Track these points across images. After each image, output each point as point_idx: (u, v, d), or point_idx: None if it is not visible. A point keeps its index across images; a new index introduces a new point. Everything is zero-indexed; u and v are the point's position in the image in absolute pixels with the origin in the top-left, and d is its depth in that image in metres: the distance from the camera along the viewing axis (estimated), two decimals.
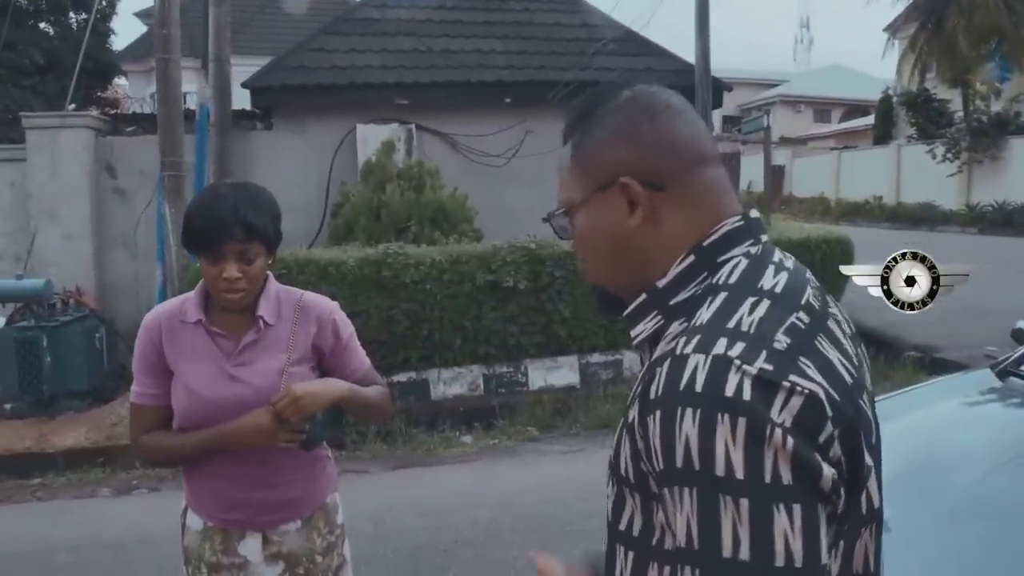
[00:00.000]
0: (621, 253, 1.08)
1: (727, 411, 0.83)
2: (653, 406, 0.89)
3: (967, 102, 25.04)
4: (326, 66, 8.57)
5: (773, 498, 0.81)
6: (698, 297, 0.99)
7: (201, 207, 1.86)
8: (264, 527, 1.97)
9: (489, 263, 6.75)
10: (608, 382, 7.13)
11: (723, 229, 1.04)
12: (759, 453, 0.82)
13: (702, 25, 9.21)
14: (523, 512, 4.44)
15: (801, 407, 0.84)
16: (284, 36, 16.26)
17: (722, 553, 0.82)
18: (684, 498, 0.85)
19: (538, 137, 8.85)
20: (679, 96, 1.11)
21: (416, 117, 8.64)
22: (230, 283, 1.84)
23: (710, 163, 1.07)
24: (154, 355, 1.93)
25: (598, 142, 1.08)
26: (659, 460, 0.88)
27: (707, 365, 0.86)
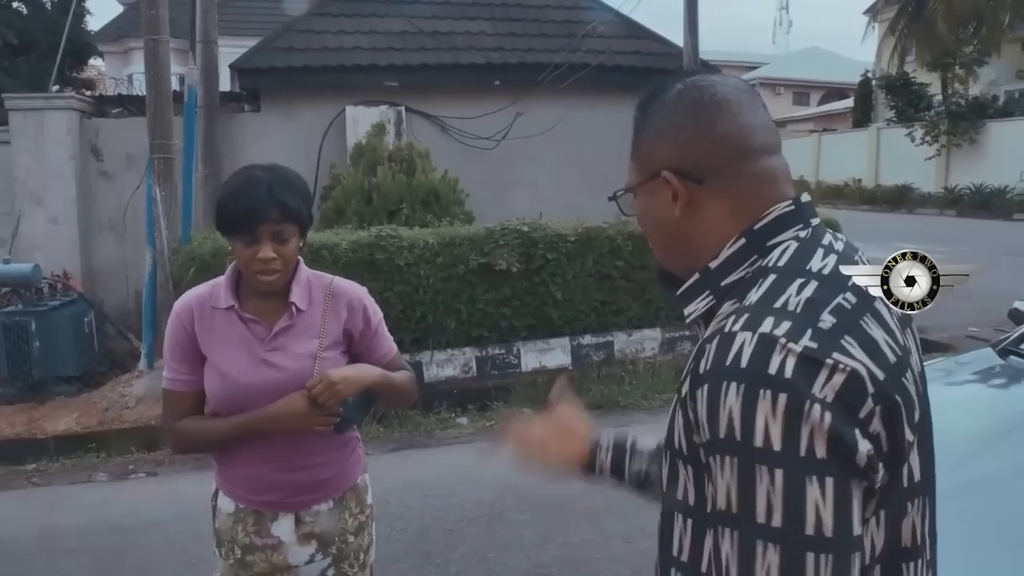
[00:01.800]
0: (669, 238, 1.15)
1: (769, 387, 0.88)
2: (702, 380, 0.94)
3: (946, 86, 25.27)
4: (315, 47, 8.50)
5: (807, 470, 0.86)
6: (749, 279, 1.04)
7: (236, 189, 1.85)
8: (297, 508, 1.98)
9: (482, 246, 6.75)
10: (600, 363, 7.18)
11: (774, 213, 1.08)
12: (796, 428, 0.86)
13: (691, 8, 9.21)
14: (525, 492, 4.46)
15: (843, 384, 0.89)
16: (270, 17, 16.11)
17: (756, 518, 0.87)
18: (725, 466, 0.90)
19: (528, 119, 8.86)
20: (733, 87, 1.13)
21: (405, 99, 8.61)
22: (265, 264, 1.83)
23: (759, 154, 1.10)
24: (186, 341, 1.93)
25: (648, 135, 1.15)
26: (705, 430, 0.93)
27: (753, 342, 0.91)
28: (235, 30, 15.47)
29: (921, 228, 16.94)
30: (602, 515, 4.19)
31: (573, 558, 3.76)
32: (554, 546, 3.88)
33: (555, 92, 8.79)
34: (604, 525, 4.08)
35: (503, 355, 6.96)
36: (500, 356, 6.94)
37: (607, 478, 1.51)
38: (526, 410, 5.75)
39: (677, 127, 1.11)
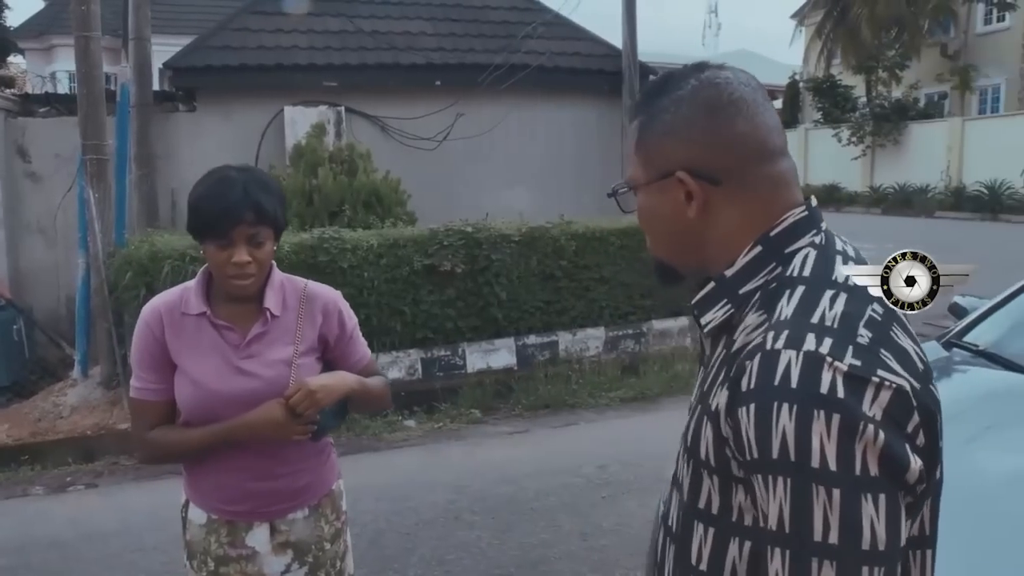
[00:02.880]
0: (678, 237, 1.13)
1: (823, 407, 0.88)
2: (746, 399, 0.93)
3: (870, 88, 26.05)
4: (251, 46, 8.34)
5: (862, 488, 0.87)
6: (773, 289, 1.02)
7: (210, 190, 1.79)
8: (272, 516, 1.93)
9: (426, 247, 6.71)
10: (545, 363, 7.20)
11: (789, 220, 1.07)
12: (851, 447, 0.87)
13: (629, 10, 9.30)
14: (479, 493, 4.47)
15: (890, 401, 0.90)
16: (204, 15, 15.75)
17: (813, 537, 0.87)
18: (778, 486, 0.90)
19: (469, 120, 8.84)
20: (747, 85, 1.10)
21: (345, 99, 8.51)
22: (240, 268, 1.78)
23: (773, 157, 1.09)
24: (156, 348, 1.86)
25: (660, 132, 1.11)
26: (752, 450, 0.92)
27: (800, 362, 0.90)
28: (167, 28, 15.10)
29: (849, 226, 17.37)
30: (557, 514, 4.21)
31: (531, 557, 3.77)
32: (512, 546, 3.88)
33: (496, 93, 8.79)
34: (560, 524, 4.10)
35: (448, 356, 6.93)
36: (446, 357, 6.90)
37: None
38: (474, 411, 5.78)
39: (693, 126, 1.08)
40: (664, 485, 2.27)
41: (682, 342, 7.82)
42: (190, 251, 5.93)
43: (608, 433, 5.61)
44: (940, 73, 26.06)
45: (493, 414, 6.18)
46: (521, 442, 5.50)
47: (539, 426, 5.85)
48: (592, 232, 7.34)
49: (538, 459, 5.03)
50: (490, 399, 6.42)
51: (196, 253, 5.93)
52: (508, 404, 6.36)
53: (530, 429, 5.79)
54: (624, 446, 5.21)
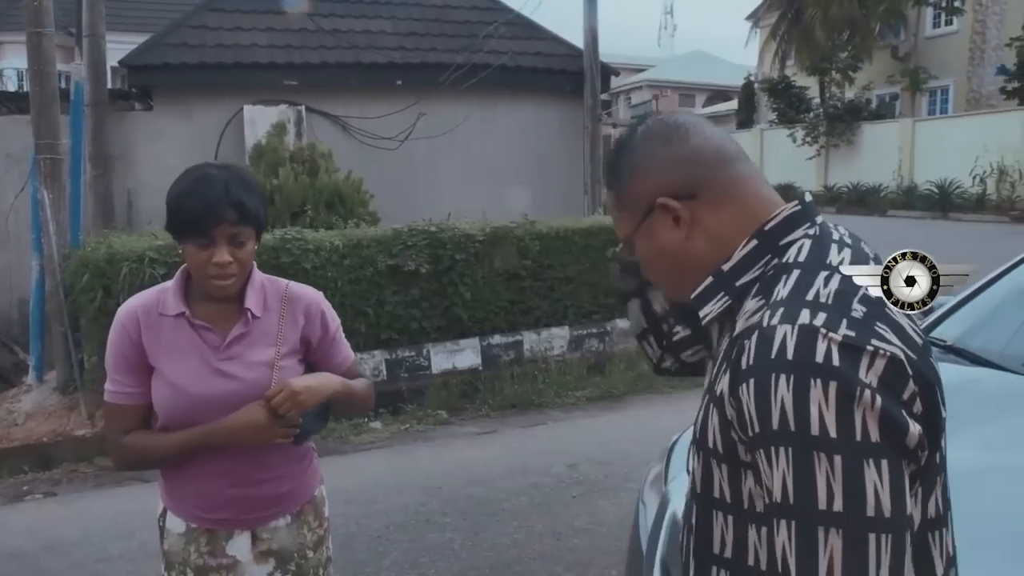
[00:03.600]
0: (682, 263, 1.17)
1: (819, 375, 0.89)
2: (746, 375, 0.95)
3: (823, 89, 26.46)
4: (210, 44, 8.22)
5: (864, 454, 0.88)
6: (771, 277, 1.06)
7: (190, 188, 1.74)
8: (253, 524, 1.88)
9: (390, 247, 6.66)
10: (510, 363, 7.19)
11: (783, 214, 1.12)
12: (850, 413, 0.89)
13: (590, 11, 9.33)
14: (450, 495, 4.43)
15: (884, 368, 0.91)
16: (160, 12, 15.46)
17: (818, 505, 0.88)
18: (780, 457, 0.91)
19: (431, 119, 8.81)
20: (686, 114, 1.23)
21: (305, 98, 8.43)
22: (221, 268, 1.73)
23: (733, 160, 1.15)
24: (132, 350, 1.80)
25: (630, 179, 1.18)
26: (754, 424, 0.94)
27: (795, 334, 0.93)
28: (122, 25, 14.79)
29: None
30: (529, 513, 4.19)
31: (505, 558, 3.74)
32: (485, 547, 3.85)
33: (457, 92, 8.77)
34: (532, 524, 4.08)
35: (413, 357, 6.88)
36: (410, 358, 6.86)
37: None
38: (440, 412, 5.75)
39: (654, 157, 1.15)
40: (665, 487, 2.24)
41: None
42: (149, 253, 5.82)
43: (576, 432, 5.61)
44: (891, 75, 26.57)
45: (460, 415, 6.15)
46: (489, 442, 5.48)
47: (507, 426, 5.83)
48: (556, 232, 7.35)
49: (507, 459, 5.02)
50: (456, 400, 6.39)
51: (156, 255, 5.82)
52: (475, 404, 6.34)
53: (498, 429, 5.77)
54: (593, 445, 5.22)
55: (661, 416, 5.81)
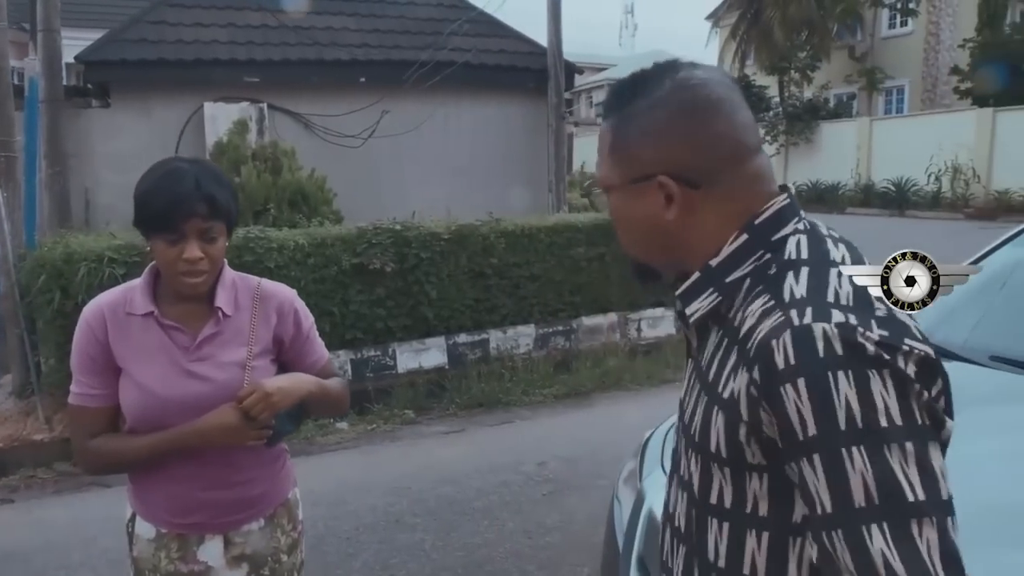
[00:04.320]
0: (655, 238, 1.12)
1: (875, 367, 0.88)
2: (789, 375, 0.90)
3: (783, 88, 26.79)
4: (169, 40, 8.08)
5: (927, 437, 0.88)
6: (774, 274, 1.01)
7: (159, 183, 1.68)
8: (225, 528, 1.83)
9: (355, 246, 6.60)
10: (477, 362, 7.17)
11: (773, 207, 1.07)
12: (908, 399, 0.88)
13: (555, 9, 9.34)
14: (419, 495, 4.40)
15: (918, 366, 0.90)
16: (117, 7, 15.15)
17: (907, 499, 0.85)
18: (854, 458, 0.86)
19: (395, 117, 8.75)
20: (722, 85, 1.09)
21: (267, 96, 8.32)
22: (192, 264, 1.67)
23: (750, 155, 1.08)
24: (98, 351, 1.74)
25: (636, 135, 1.09)
26: (807, 427, 0.89)
27: (836, 331, 0.90)
28: (78, 21, 14.48)
29: None
30: (499, 512, 4.17)
31: (477, 558, 3.72)
32: (456, 547, 3.82)
33: (421, 90, 8.72)
34: (503, 522, 4.06)
35: (379, 357, 6.82)
36: (376, 358, 6.80)
37: None
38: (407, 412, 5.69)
39: (672, 130, 1.06)
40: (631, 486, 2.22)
41: (612, 338, 7.89)
42: (108, 253, 5.70)
43: (544, 430, 5.61)
44: (849, 75, 27.00)
45: (427, 414, 6.11)
46: (457, 441, 5.45)
47: (474, 425, 5.81)
48: (521, 230, 7.34)
49: (476, 458, 4.99)
50: (423, 399, 6.35)
51: (115, 255, 5.70)
52: (442, 404, 6.30)
53: (465, 428, 5.74)
54: (561, 443, 5.21)
55: (628, 413, 5.83)
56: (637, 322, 8.14)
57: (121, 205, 6.93)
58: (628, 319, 8.07)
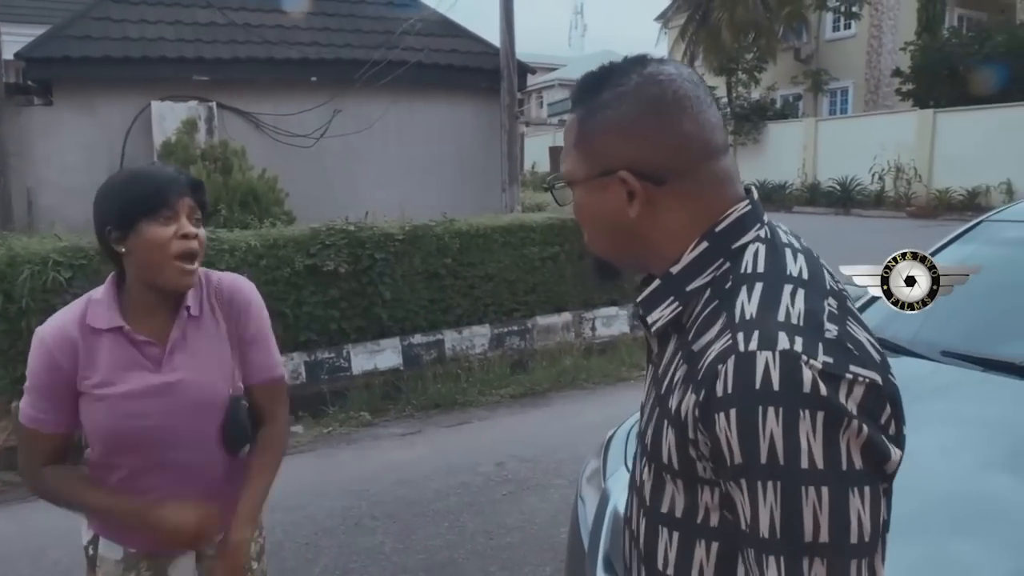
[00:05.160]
0: (617, 235, 1.10)
1: (807, 407, 0.86)
2: (724, 404, 0.90)
3: (730, 89, 27.17)
4: (114, 37, 7.89)
5: (849, 483, 0.86)
6: (729, 288, 1.00)
7: (140, 171, 1.65)
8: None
9: (308, 247, 6.53)
10: (432, 362, 7.14)
11: (734, 215, 1.06)
12: (836, 442, 0.86)
13: (507, 9, 9.34)
14: (377, 497, 4.36)
15: (863, 395, 0.89)
16: (59, 3, 14.74)
17: (804, 538, 0.86)
18: (767, 492, 0.87)
19: (347, 117, 8.68)
20: (690, 81, 1.08)
21: (216, 95, 8.18)
22: (188, 241, 1.61)
23: (717, 154, 1.07)
24: (59, 377, 1.64)
25: (602, 129, 1.07)
26: (734, 456, 0.90)
27: (777, 362, 0.88)
28: (17, 16, 14.07)
29: None
30: (459, 513, 4.15)
31: (438, 560, 3.69)
32: (417, 550, 3.79)
33: (373, 90, 8.66)
34: (463, 523, 4.05)
35: (333, 359, 6.76)
36: (330, 360, 6.73)
37: None
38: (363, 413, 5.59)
39: (637, 125, 1.05)
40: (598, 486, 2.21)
41: (566, 337, 7.93)
42: (53, 255, 5.56)
43: (502, 430, 5.60)
44: (795, 76, 27.50)
45: (383, 416, 6.06)
46: (415, 443, 5.42)
47: (431, 426, 5.78)
48: (476, 229, 7.33)
49: (434, 459, 4.97)
50: (379, 401, 6.30)
51: (60, 257, 5.57)
52: (398, 405, 6.26)
53: (422, 430, 5.71)
54: (519, 442, 5.21)
55: (585, 412, 5.86)
56: (592, 321, 8.19)
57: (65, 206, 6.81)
58: (583, 318, 8.11)
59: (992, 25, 21.39)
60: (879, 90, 24.85)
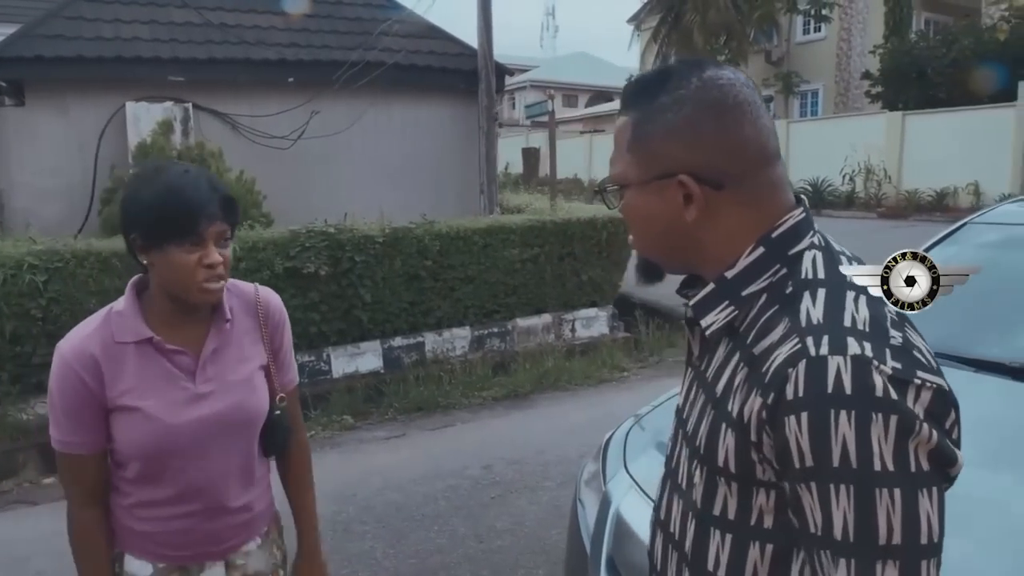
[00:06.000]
0: (670, 238, 1.11)
1: (879, 410, 0.88)
2: (795, 407, 0.91)
3: None
4: (88, 36, 7.77)
5: (918, 485, 0.88)
6: (791, 294, 1.01)
7: (173, 186, 1.56)
8: (226, 553, 1.74)
9: (287, 249, 6.48)
10: (414, 365, 7.12)
11: (790, 221, 1.07)
12: (905, 446, 0.88)
13: (485, 11, 9.32)
14: (365, 502, 4.33)
15: (930, 400, 0.90)
16: (29, 2, 14.48)
17: (878, 541, 0.87)
18: (840, 495, 0.89)
19: (325, 118, 8.61)
20: (747, 86, 1.08)
21: (192, 95, 8.08)
22: (213, 270, 1.57)
23: (772, 160, 1.08)
24: (87, 397, 1.59)
25: (660, 132, 1.07)
26: (805, 459, 0.91)
27: (849, 367, 0.89)
28: None
29: None
30: (449, 518, 4.14)
31: (430, 564, 3.68)
32: (408, 554, 3.78)
33: (351, 91, 8.61)
34: (453, 528, 4.03)
35: (314, 362, 6.72)
36: (310, 363, 6.69)
37: None
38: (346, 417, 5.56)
39: (699, 129, 1.05)
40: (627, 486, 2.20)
41: (546, 338, 7.94)
42: (28, 259, 5.48)
43: (486, 433, 5.59)
44: (766, 78, 27.74)
45: (366, 419, 6.03)
46: (400, 446, 5.39)
47: (415, 429, 5.75)
48: (456, 231, 7.32)
49: (420, 463, 4.95)
50: (361, 404, 6.27)
51: (36, 261, 5.49)
52: (380, 408, 6.23)
53: (406, 433, 5.69)
54: (505, 444, 5.21)
55: (569, 414, 5.88)
56: (571, 322, 8.20)
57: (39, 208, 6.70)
58: (562, 319, 8.13)
59: (958, 29, 21.71)
60: (849, 92, 25.15)
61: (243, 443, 1.73)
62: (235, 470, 1.71)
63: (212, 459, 1.68)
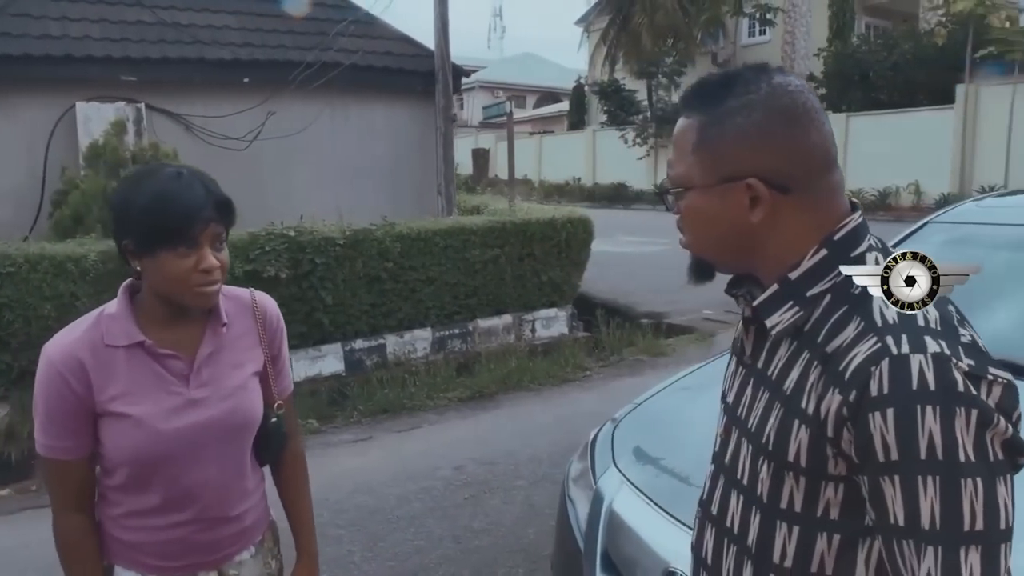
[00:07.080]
0: (732, 240, 1.13)
1: (962, 404, 0.92)
2: (880, 403, 0.95)
3: (651, 92, 27.67)
4: (35, 34, 7.55)
5: (996, 473, 0.93)
6: (860, 295, 1.04)
7: (167, 190, 1.52)
8: (220, 563, 1.71)
9: (247, 252, 6.41)
10: (376, 367, 7.09)
11: (850, 224, 1.11)
12: (983, 437, 0.93)
13: (442, 13, 9.30)
14: (338, 506, 4.29)
15: (1001, 394, 0.95)
16: None
17: (963, 528, 0.92)
18: (927, 485, 0.92)
19: (281, 119, 8.51)
20: (813, 94, 1.12)
21: (145, 96, 7.92)
22: (209, 274, 1.54)
23: (834, 166, 1.12)
24: (74, 402, 1.54)
25: (730, 136, 1.09)
26: (890, 452, 0.94)
27: (931, 364, 0.94)
28: None
29: (639, 222, 18.33)
30: (424, 519, 4.13)
31: (409, 567, 3.66)
32: (386, 557, 3.76)
33: (308, 92, 8.53)
34: (430, 529, 4.02)
35: None
36: None
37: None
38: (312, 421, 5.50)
39: (769, 134, 1.08)
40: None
41: (507, 339, 7.96)
42: None
43: (454, 433, 5.58)
44: None
45: (331, 423, 5.97)
46: (367, 449, 5.35)
47: (382, 431, 5.72)
48: (416, 233, 7.31)
49: (390, 465, 4.92)
50: (325, 407, 6.22)
51: None
52: (345, 411, 6.18)
53: (373, 435, 5.65)
54: (474, 445, 5.21)
55: (535, 413, 5.90)
56: (532, 323, 8.24)
57: None
58: (523, 320, 8.16)
59: (898, 33, 22.30)
60: None
61: (237, 450, 1.70)
62: (229, 478, 1.68)
63: (205, 466, 1.64)
